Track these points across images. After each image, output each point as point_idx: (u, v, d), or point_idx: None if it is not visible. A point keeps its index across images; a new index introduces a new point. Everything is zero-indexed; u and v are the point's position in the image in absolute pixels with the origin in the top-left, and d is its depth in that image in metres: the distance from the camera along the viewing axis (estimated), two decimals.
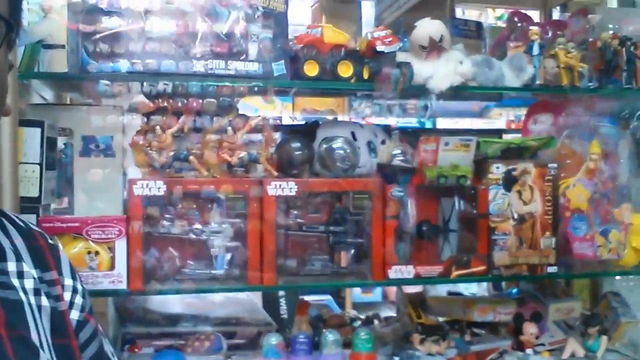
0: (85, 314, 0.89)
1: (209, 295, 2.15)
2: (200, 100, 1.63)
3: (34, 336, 0.77)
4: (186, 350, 1.78)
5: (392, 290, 4.34)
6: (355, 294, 4.35)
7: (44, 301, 0.82)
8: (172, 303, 2.09)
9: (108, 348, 0.94)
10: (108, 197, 1.64)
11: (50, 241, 0.91)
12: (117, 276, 1.53)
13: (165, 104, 1.61)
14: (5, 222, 0.86)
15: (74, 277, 0.90)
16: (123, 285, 1.53)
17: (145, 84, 1.63)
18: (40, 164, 1.52)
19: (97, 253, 1.52)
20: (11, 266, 0.81)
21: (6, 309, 0.76)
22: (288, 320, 2.42)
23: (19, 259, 0.83)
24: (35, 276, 0.83)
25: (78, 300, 0.89)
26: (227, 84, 1.62)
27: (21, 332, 0.76)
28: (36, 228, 0.91)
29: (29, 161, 1.51)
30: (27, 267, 0.83)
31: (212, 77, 1.58)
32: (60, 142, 1.67)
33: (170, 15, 1.57)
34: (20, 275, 0.81)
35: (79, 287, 0.90)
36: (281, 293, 3.10)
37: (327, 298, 3.74)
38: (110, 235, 1.53)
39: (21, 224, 0.89)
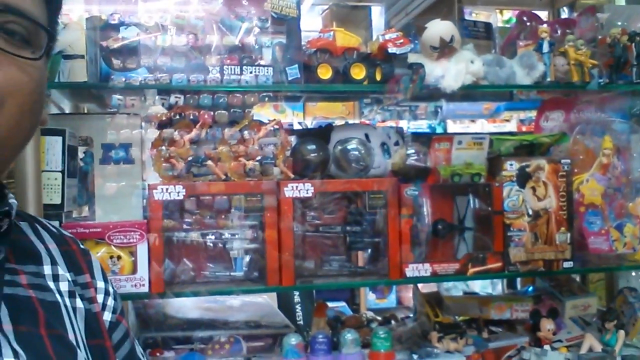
0: (117, 315, 0.92)
1: (227, 300, 2.18)
2: (212, 113, 1.66)
3: (70, 336, 0.79)
4: (207, 354, 1.80)
5: (407, 295, 4.36)
6: (370, 299, 4.36)
7: (79, 303, 0.85)
8: (191, 308, 2.12)
9: (139, 349, 0.96)
10: (128, 203, 1.67)
11: (81, 246, 0.94)
12: (140, 279, 1.55)
13: (179, 115, 1.64)
14: (39, 227, 0.89)
15: (105, 280, 0.92)
16: (145, 289, 1.55)
17: (157, 97, 1.66)
18: (62, 172, 1.55)
19: (119, 257, 1.55)
20: (47, 269, 0.83)
21: (45, 310, 0.78)
22: (304, 327, 2.44)
23: (53, 262, 0.85)
24: (70, 279, 0.86)
25: (110, 302, 0.91)
26: (241, 89, 1.64)
27: (59, 331, 0.78)
28: (67, 234, 0.94)
29: (52, 169, 1.54)
30: (62, 271, 0.85)
31: (226, 84, 1.60)
32: (81, 152, 1.70)
33: (184, 28, 1.61)
34: (56, 278, 0.84)
35: (111, 289, 0.93)
36: (297, 300, 3.12)
37: (341, 305, 3.75)
38: (131, 240, 1.55)
39: (54, 229, 0.91)
